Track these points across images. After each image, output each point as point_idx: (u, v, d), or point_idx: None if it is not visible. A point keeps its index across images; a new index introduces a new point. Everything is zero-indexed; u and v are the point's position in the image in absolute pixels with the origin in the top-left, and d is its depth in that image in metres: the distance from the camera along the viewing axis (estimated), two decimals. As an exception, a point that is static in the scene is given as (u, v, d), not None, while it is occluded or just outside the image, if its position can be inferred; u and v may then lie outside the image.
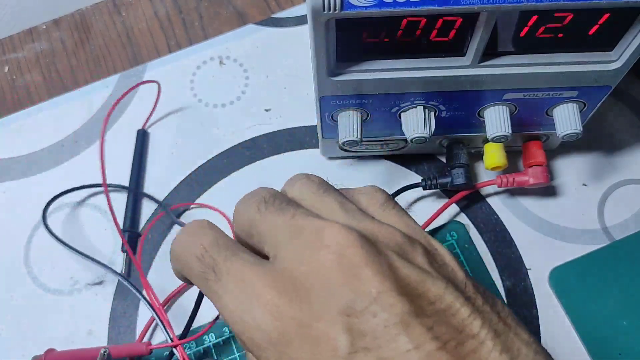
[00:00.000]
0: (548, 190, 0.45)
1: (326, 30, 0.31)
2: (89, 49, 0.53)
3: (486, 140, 0.43)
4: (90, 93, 0.50)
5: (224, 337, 0.41)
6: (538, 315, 0.42)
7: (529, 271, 0.43)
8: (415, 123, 0.37)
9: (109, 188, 0.45)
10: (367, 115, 0.39)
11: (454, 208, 0.45)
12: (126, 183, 0.47)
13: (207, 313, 0.41)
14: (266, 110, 0.49)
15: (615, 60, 0.34)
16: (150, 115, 0.48)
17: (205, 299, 0.26)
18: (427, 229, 0.44)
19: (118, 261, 0.44)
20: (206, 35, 0.53)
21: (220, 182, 0.47)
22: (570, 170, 0.46)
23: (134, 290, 0.40)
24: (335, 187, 0.27)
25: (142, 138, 0.48)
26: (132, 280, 0.44)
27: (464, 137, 0.43)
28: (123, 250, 0.44)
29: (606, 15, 0.31)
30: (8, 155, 0.48)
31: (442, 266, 0.23)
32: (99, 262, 0.42)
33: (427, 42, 0.33)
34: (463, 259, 0.43)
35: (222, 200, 0.46)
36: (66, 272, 0.44)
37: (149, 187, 0.47)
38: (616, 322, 0.41)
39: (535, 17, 0.31)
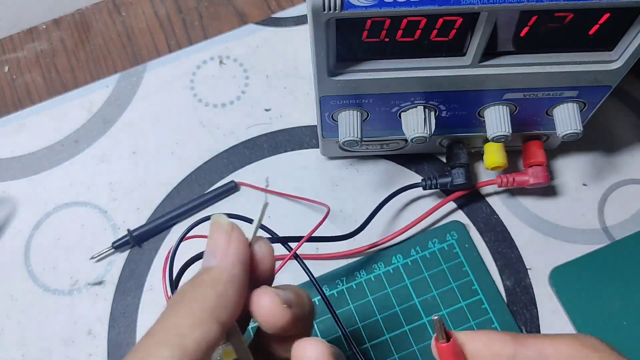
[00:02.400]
0: (548, 190, 0.45)
1: (326, 30, 0.31)
2: (89, 49, 0.53)
3: (486, 140, 0.43)
4: (90, 93, 0.50)
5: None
6: (538, 315, 0.42)
7: (529, 271, 0.43)
8: (416, 123, 0.37)
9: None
10: (367, 115, 0.39)
11: (454, 208, 0.45)
12: (127, 183, 0.47)
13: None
14: (266, 110, 0.49)
15: (615, 60, 0.34)
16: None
17: None
18: (424, 227, 0.44)
19: (117, 259, 0.44)
20: (206, 35, 0.53)
21: (220, 182, 0.47)
22: (570, 170, 0.46)
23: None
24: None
25: (231, 189, 0.46)
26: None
27: (464, 137, 0.43)
28: (114, 246, 0.44)
29: (606, 15, 0.31)
30: (8, 155, 0.48)
31: None
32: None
33: (427, 42, 0.33)
34: (463, 258, 0.43)
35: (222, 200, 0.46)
36: (66, 272, 0.44)
37: (152, 185, 0.47)
38: (616, 322, 0.41)
39: (535, 17, 0.31)
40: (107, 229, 0.45)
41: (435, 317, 0.25)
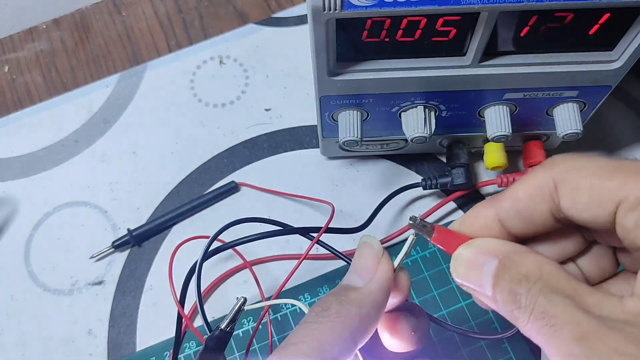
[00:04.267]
0: (548, 190, 0.45)
1: (326, 30, 0.31)
2: (89, 49, 0.53)
3: (486, 140, 0.43)
4: (90, 93, 0.50)
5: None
6: (538, 315, 0.42)
7: (529, 271, 0.43)
8: (416, 123, 0.37)
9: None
10: (367, 115, 0.39)
11: (454, 208, 0.45)
12: (127, 183, 0.47)
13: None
14: (266, 110, 0.49)
15: (615, 60, 0.34)
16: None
17: None
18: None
19: (117, 259, 0.44)
20: (206, 35, 0.53)
21: (220, 182, 0.47)
22: (570, 170, 0.46)
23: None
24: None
25: (231, 189, 0.46)
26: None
27: (464, 136, 0.43)
28: (114, 246, 0.44)
29: (606, 15, 0.31)
30: (8, 155, 0.48)
31: None
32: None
33: (427, 42, 0.33)
34: (463, 258, 0.43)
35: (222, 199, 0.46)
36: (66, 272, 0.44)
37: (152, 185, 0.47)
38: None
39: (535, 17, 0.31)
40: (107, 228, 0.45)
41: (410, 222, 0.25)
